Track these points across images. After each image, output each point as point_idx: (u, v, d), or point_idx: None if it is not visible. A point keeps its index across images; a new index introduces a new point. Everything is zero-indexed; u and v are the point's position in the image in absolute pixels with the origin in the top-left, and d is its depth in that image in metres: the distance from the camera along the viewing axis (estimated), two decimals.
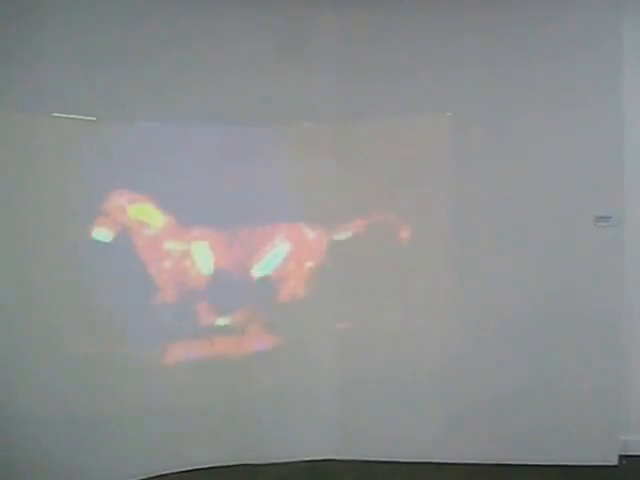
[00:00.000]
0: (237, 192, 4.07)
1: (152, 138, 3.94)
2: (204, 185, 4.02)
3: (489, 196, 4.06)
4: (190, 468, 3.98)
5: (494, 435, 4.02)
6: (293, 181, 4.15)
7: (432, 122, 4.14)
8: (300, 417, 4.17)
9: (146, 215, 3.94)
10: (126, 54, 3.85)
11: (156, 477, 3.89)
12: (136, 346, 3.90)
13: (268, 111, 4.08)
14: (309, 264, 4.22)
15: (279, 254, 4.19)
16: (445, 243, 4.11)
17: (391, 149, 4.14)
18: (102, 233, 3.83)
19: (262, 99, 4.06)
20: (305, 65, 4.14)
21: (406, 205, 4.15)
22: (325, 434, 4.16)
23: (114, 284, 3.82)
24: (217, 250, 4.13)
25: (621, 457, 3.95)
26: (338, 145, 4.16)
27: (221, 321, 4.13)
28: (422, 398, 4.10)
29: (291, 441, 4.15)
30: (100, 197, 3.82)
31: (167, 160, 3.96)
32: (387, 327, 4.12)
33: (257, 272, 4.18)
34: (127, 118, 3.90)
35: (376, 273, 4.14)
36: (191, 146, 4.02)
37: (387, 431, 4.11)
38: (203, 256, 4.10)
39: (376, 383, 4.12)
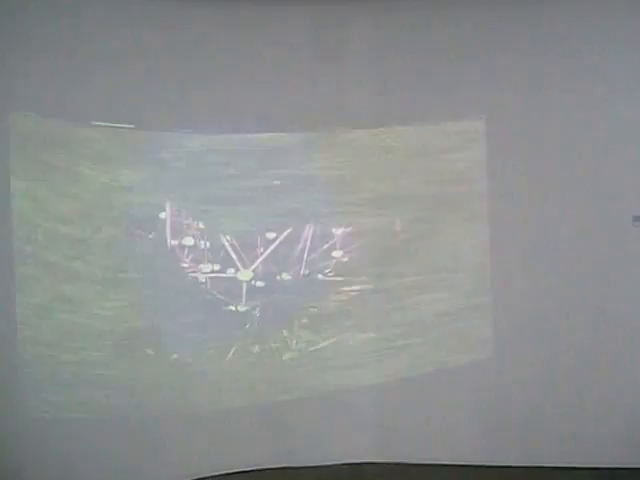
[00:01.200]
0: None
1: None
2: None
3: (526, 198, 4.04)
4: (229, 471, 4.00)
5: (533, 437, 4.00)
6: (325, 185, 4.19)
7: (467, 126, 4.12)
8: (339, 419, 4.17)
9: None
10: (161, 60, 3.89)
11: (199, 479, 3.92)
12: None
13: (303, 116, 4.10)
14: (346, 268, 4.24)
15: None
16: (483, 249, 4.09)
17: (427, 155, 4.14)
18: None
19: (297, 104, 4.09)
20: (339, 69, 4.14)
21: (442, 210, 4.13)
22: (364, 436, 4.16)
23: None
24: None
25: None
26: (372, 150, 4.17)
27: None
28: (460, 400, 4.10)
29: (331, 444, 4.16)
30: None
31: (207, 168, 4.03)
32: (425, 328, 4.14)
33: (296, 275, 4.21)
34: (166, 125, 3.95)
35: (411, 275, 4.14)
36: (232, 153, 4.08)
37: (426, 433, 4.12)
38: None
39: (415, 384, 4.13)
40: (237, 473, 4.02)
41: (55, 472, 3.63)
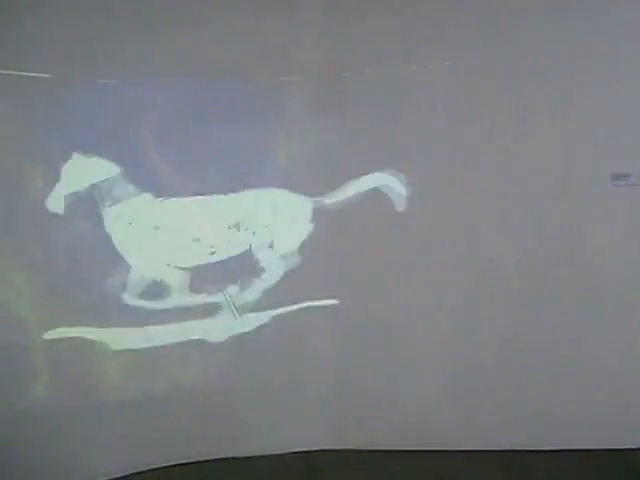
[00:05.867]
0: (212, 156, 3.63)
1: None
2: (174, 149, 3.59)
3: (494, 153, 3.66)
4: (167, 464, 3.59)
5: (507, 419, 3.65)
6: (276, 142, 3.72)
7: (428, 73, 3.70)
8: (289, 405, 3.78)
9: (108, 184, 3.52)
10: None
11: (134, 474, 3.51)
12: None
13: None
14: (296, 236, 3.81)
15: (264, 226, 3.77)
16: (450, 202, 3.69)
17: (384, 103, 3.70)
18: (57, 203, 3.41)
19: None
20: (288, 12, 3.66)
21: (404, 165, 3.72)
22: (317, 423, 3.78)
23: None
24: (195, 222, 3.70)
25: None
26: (324, 100, 3.72)
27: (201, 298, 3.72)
28: (425, 381, 3.72)
29: (279, 432, 3.76)
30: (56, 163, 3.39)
31: (130, 122, 3.51)
32: (385, 306, 3.72)
33: (239, 247, 3.75)
34: (85, 75, 3.44)
35: (372, 241, 3.72)
36: (158, 105, 3.56)
37: (386, 417, 3.74)
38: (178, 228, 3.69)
39: (372, 365, 3.73)
40: (177, 466, 3.60)
41: None
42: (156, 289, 3.62)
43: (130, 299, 3.56)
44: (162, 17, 3.50)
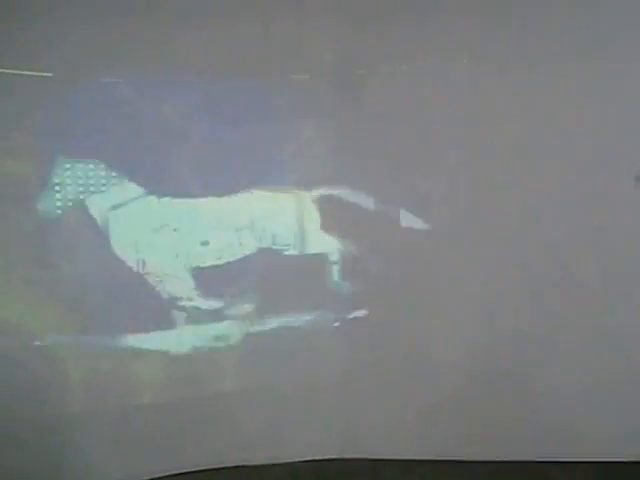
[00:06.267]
0: (220, 157, 3.54)
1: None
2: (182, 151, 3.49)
3: (513, 153, 3.49)
4: (173, 473, 3.49)
5: (522, 431, 3.52)
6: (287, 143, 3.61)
7: (445, 71, 3.53)
8: (299, 411, 3.67)
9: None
10: None
11: None
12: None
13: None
14: (308, 239, 3.70)
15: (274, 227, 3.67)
16: (472, 204, 3.56)
17: (401, 102, 3.55)
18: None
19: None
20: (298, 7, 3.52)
21: (424, 166, 3.60)
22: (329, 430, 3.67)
23: None
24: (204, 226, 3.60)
25: None
26: (337, 100, 3.57)
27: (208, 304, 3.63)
28: (438, 390, 3.59)
29: (288, 439, 3.65)
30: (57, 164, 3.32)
31: (135, 123, 3.42)
32: (398, 314, 3.60)
33: (247, 249, 3.65)
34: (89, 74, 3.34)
35: (386, 247, 3.61)
36: (164, 106, 3.47)
37: (402, 425, 3.63)
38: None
39: (385, 373, 3.62)
40: (183, 474, 3.50)
41: None
42: (165, 292, 3.54)
43: (137, 303, 3.49)
44: (169, 14, 3.37)
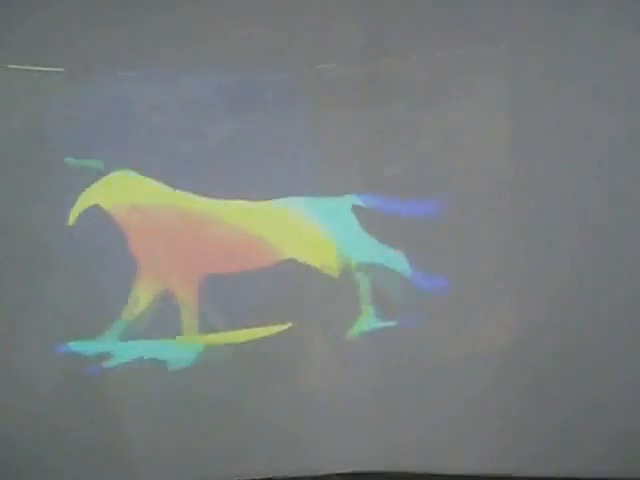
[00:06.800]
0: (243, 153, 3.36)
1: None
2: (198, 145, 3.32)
3: (550, 146, 3.24)
4: None
5: (565, 447, 3.28)
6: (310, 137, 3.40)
7: (480, 56, 3.31)
8: (335, 421, 3.47)
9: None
10: None
11: None
12: None
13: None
14: (328, 246, 3.49)
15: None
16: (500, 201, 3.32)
17: (433, 91, 3.35)
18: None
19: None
20: None
21: (456, 159, 3.36)
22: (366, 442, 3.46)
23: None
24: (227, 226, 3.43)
25: None
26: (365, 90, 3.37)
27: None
28: (478, 403, 3.36)
29: (323, 450, 3.46)
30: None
31: (154, 118, 3.28)
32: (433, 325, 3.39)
33: (270, 257, 3.45)
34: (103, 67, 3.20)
35: (419, 249, 3.38)
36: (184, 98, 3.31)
37: (435, 440, 3.41)
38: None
39: (422, 385, 3.41)
40: None
41: None
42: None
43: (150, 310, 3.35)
44: (187, 4, 3.23)
